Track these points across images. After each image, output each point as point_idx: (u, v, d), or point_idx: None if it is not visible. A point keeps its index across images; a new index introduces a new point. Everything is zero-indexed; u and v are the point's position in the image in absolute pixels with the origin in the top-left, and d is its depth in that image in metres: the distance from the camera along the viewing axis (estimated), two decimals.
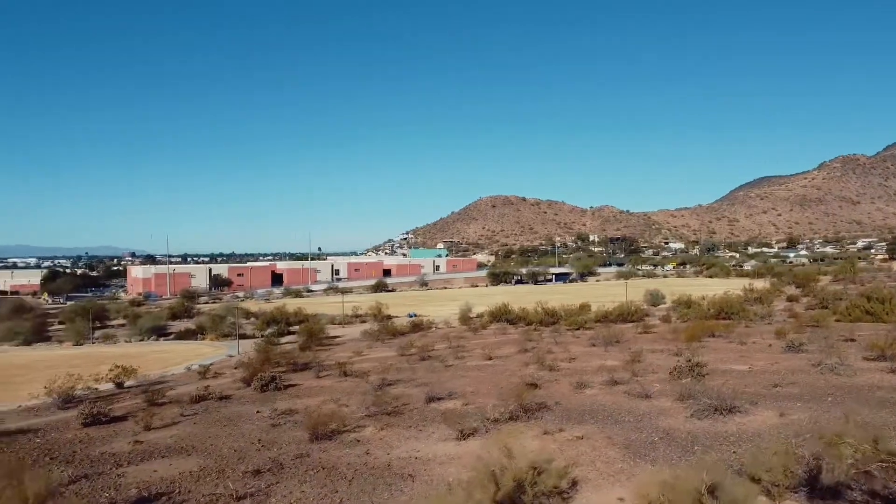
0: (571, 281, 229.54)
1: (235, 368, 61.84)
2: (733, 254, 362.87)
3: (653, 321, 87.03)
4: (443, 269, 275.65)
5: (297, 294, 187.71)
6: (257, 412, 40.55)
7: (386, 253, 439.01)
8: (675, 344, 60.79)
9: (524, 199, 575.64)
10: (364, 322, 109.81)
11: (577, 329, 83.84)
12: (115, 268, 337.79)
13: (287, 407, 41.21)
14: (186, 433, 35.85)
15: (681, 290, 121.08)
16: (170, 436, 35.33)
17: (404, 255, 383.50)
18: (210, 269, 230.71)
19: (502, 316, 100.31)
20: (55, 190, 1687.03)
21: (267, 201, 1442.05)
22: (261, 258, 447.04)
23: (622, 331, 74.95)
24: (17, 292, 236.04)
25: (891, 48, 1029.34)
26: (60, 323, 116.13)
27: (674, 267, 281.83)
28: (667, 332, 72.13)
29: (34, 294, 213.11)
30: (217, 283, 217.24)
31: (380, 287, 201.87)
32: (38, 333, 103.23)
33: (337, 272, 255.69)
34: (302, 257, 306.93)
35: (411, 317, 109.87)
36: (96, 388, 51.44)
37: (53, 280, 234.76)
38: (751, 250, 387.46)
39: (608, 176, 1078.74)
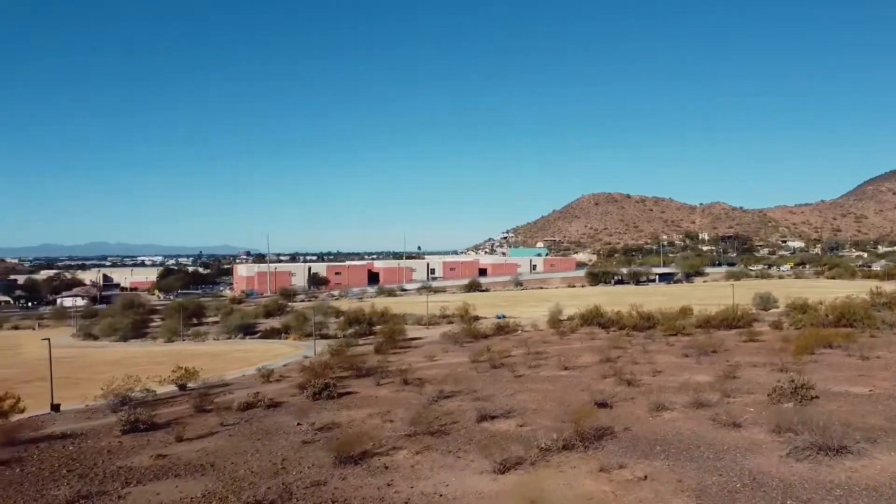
0: (676, 281, 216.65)
1: (301, 371, 60.00)
2: (860, 253, 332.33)
3: (761, 328, 78.26)
4: (540, 268, 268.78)
5: (391, 293, 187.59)
6: (297, 424, 37.71)
7: (485, 252, 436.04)
8: (781, 356, 53.07)
9: (628, 197, 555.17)
10: (451, 323, 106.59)
11: (674, 335, 76.53)
12: (227, 266, 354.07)
13: (330, 420, 38.18)
14: (214, 448, 33.40)
15: (797, 293, 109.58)
16: (196, 450, 33.00)
17: (503, 254, 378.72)
18: (309, 268, 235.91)
19: (594, 319, 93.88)
20: (177, 190, 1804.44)
21: (375, 200, 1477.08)
22: (365, 257, 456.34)
23: (723, 339, 67.34)
24: (135, 289, 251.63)
25: None
26: (162, 319, 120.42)
27: (791, 267, 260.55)
28: (775, 342, 63.93)
29: (149, 290, 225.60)
30: (315, 281, 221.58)
31: (473, 287, 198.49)
32: (137, 329, 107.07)
33: (432, 271, 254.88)
34: (398, 256, 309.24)
35: (499, 318, 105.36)
36: (154, 392, 50.60)
37: (166, 277, 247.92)
38: (881, 249, 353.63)
39: (718, 171, 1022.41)
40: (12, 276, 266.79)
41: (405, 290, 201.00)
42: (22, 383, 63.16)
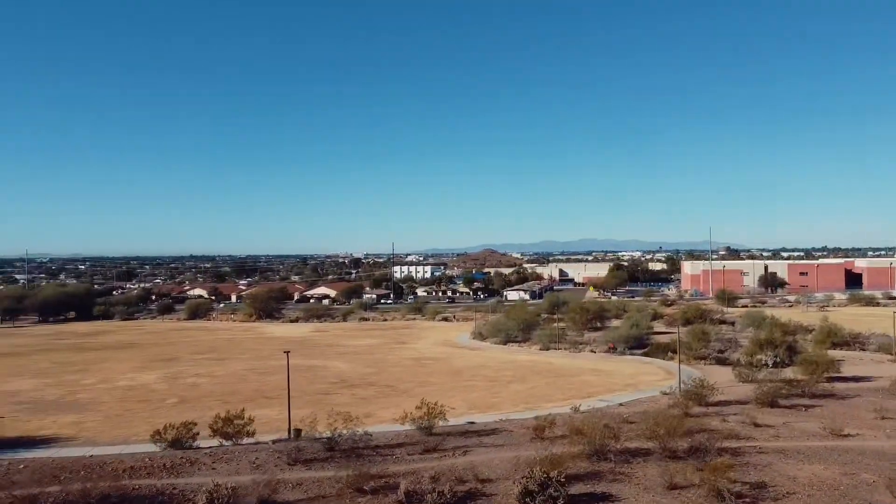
0: None
1: (630, 422, 40.37)
2: None
3: None
4: None
5: (870, 301, 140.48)
6: None
7: None
8: None
9: None
10: None
11: None
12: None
13: None
14: None
15: None
16: None
17: None
18: (766, 267, 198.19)
19: None
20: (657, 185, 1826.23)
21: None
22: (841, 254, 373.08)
23: None
24: (583, 284, 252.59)
25: None
26: (554, 322, 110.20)
27: None
28: None
29: (591, 287, 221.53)
30: (770, 282, 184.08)
31: None
32: (527, 331, 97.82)
33: None
34: (891, 253, 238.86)
35: None
36: (368, 433, 37.75)
37: (617, 272, 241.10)
38: None
39: None
40: (487, 270, 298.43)
41: (894, 297, 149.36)
42: (344, 388, 58.86)
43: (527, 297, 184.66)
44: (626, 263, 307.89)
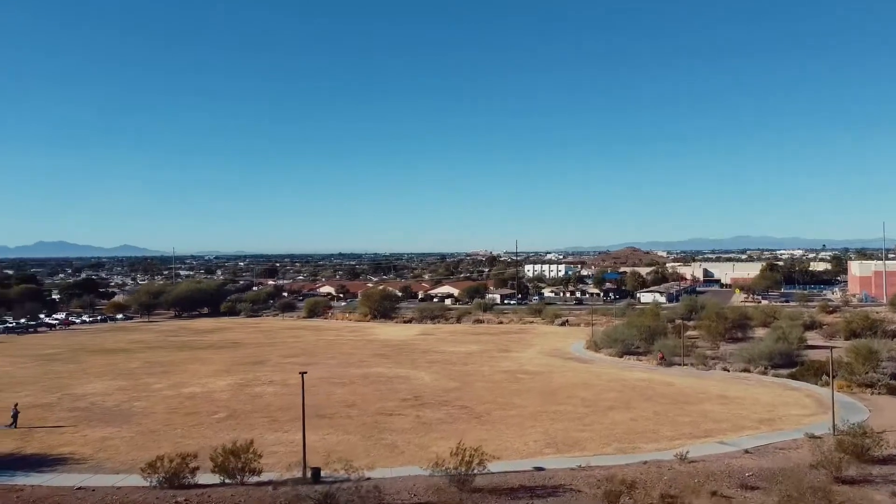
0: None
1: (750, 488, 29.42)
2: None
3: None
4: None
5: None
6: None
7: None
8: None
9: None
10: None
11: None
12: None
13: None
14: None
15: None
16: None
17: None
18: None
19: None
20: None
21: None
22: None
23: None
24: (729, 285, 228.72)
25: None
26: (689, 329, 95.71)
27: None
28: None
29: (738, 289, 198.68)
30: None
31: None
32: (650, 341, 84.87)
33: None
34: None
35: None
36: (378, 489, 29.47)
37: (769, 273, 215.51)
38: None
39: None
40: (623, 269, 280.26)
41: None
42: (413, 407, 50.96)
43: (662, 299, 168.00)
44: (781, 263, 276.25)
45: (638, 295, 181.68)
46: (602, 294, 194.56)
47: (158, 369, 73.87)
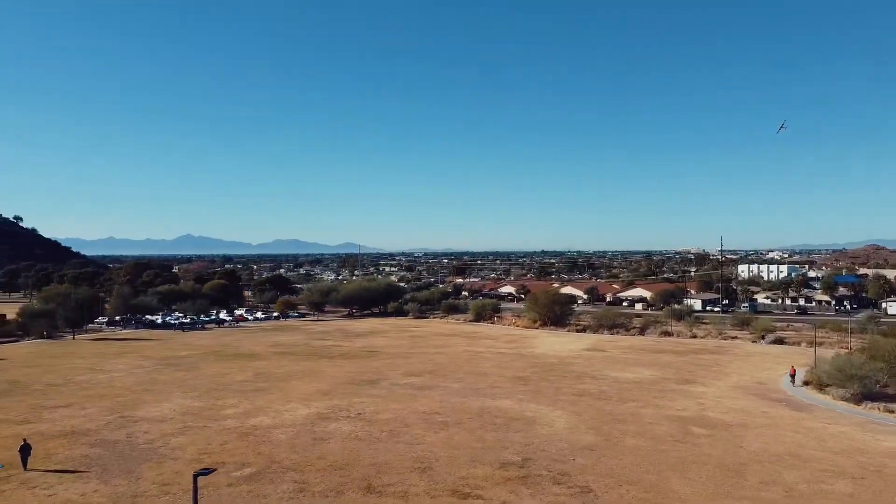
0: None
1: None
2: None
3: None
4: None
5: None
6: None
7: None
8: None
9: None
10: None
11: None
12: None
13: None
14: None
15: None
16: None
17: None
18: None
19: None
20: None
21: None
22: None
23: None
24: None
25: None
26: None
27: None
28: None
29: None
30: None
31: None
32: None
33: None
34: None
35: None
36: None
37: None
38: None
39: None
40: (863, 271, 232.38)
41: None
42: (513, 482, 33.92)
43: None
44: None
45: (884, 305, 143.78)
46: (833, 302, 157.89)
47: (261, 384, 64.18)
